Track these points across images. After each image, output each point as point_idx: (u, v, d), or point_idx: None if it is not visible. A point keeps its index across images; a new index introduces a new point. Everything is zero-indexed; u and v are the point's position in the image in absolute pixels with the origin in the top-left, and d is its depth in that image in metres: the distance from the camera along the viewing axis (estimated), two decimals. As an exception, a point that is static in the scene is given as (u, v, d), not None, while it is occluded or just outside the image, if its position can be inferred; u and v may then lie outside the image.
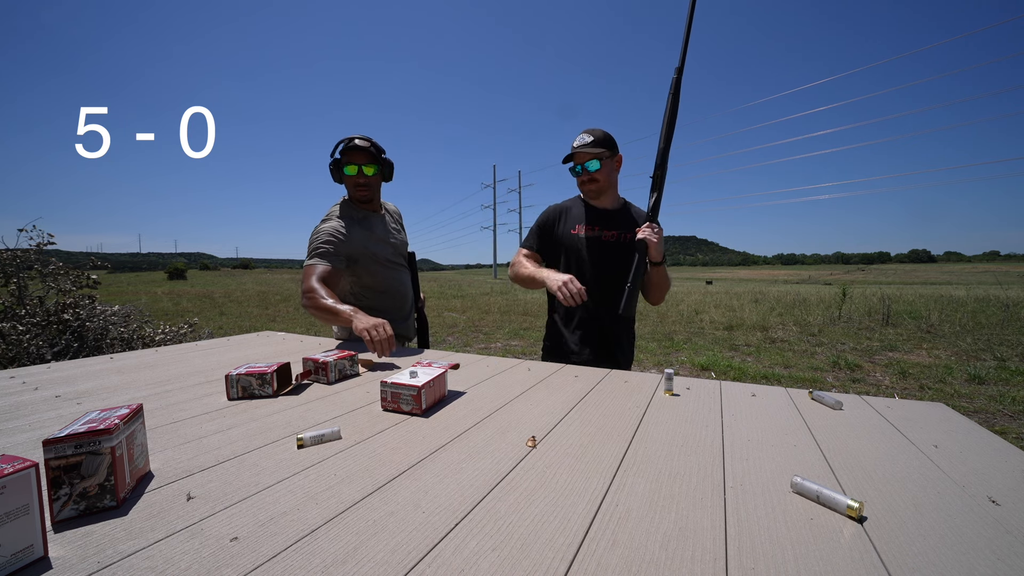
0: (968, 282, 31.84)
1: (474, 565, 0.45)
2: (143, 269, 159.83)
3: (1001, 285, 17.56)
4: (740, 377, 4.45)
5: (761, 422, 0.87)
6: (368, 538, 0.49)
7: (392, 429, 0.81)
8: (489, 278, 43.41)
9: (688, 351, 5.82)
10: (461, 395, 1.02)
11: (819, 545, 0.49)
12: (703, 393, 1.06)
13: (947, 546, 0.49)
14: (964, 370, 4.56)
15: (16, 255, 3.64)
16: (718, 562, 0.46)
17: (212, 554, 0.46)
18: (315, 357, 1.15)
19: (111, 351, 3.66)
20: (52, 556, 0.46)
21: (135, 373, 1.24)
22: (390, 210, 1.89)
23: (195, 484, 0.61)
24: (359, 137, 1.68)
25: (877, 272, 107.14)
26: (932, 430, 0.84)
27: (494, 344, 6.42)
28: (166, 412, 0.90)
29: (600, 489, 0.60)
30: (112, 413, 0.60)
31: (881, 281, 44.11)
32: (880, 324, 7.74)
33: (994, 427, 3.07)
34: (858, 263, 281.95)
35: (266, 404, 0.95)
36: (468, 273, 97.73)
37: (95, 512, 0.54)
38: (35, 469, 0.46)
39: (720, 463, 0.69)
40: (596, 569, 0.45)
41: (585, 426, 0.84)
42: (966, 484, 0.63)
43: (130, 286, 23.64)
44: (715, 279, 50.88)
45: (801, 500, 0.58)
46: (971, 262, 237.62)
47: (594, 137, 1.59)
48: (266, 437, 0.77)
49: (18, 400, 0.99)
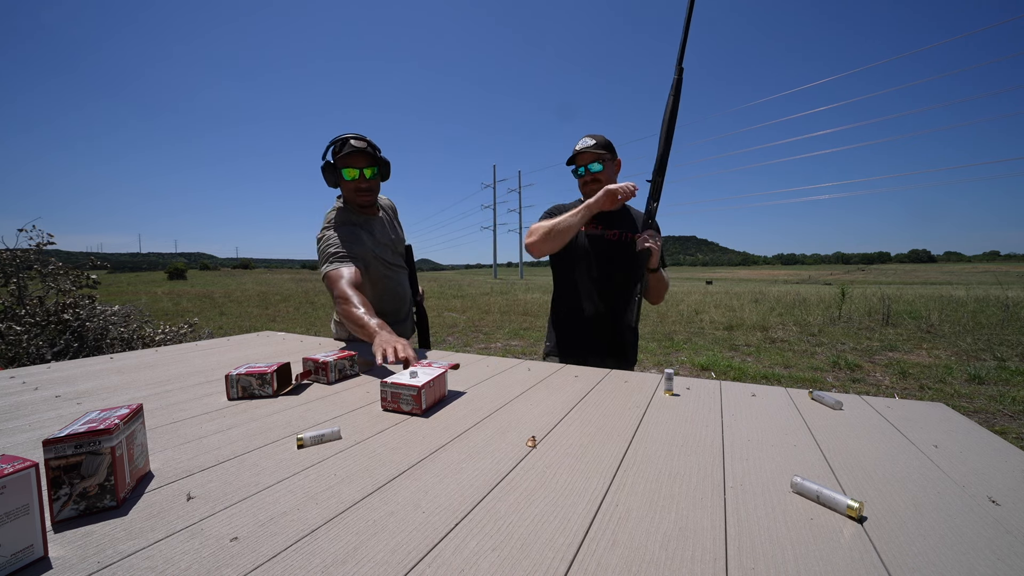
0: (968, 282, 31.86)
1: (474, 565, 0.45)
2: (143, 269, 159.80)
3: (1001, 285, 17.56)
4: (740, 377, 4.45)
5: (761, 422, 0.87)
6: (368, 538, 0.49)
7: (392, 429, 0.81)
8: (489, 278, 43.41)
9: (688, 351, 5.82)
10: (461, 395, 1.02)
11: (819, 545, 0.49)
12: (703, 393, 1.06)
13: (947, 546, 0.49)
14: (964, 370, 4.56)
15: (16, 255, 3.64)
16: (718, 562, 0.46)
17: (212, 554, 0.46)
18: (315, 357, 1.15)
19: (111, 351, 3.65)
20: (52, 556, 0.46)
21: (135, 373, 1.24)
22: (385, 206, 1.81)
23: (195, 484, 0.61)
24: (354, 137, 1.56)
25: (877, 272, 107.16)
26: (932, 430, 0.84)
27: (494, 344, 6.42)
28: (166, 412, 0.90)
29: (600, 489, 0.60)
30: (112, 413, 0.60)
31: (881, 281, 44.13)
32: (880, 324, 7.74)
33: (994, 427, 3.07)
34: (858, 263, 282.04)
35: (266, 404, 0.95)
36: (468, 273, 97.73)
37: (95, 512, 0.54)
38: (35, 469, 0.46)
39: (720, 463, 0.69)
40: (596, 569, 0.45)
41: (585, 426, 0.84)
42: (966, 484, 0.63)
43: (130, 286, 23.64)
44: (715, 279, 50.90)
45: (801, 500, 0.58)
46: (971, 262, 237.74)
47: (596, 140, 1.64)
48: (266, 437, 0.77)
49: (18, 400, 0.99)
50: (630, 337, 1.67)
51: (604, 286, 1.61)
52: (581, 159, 1.63)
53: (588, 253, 1.62)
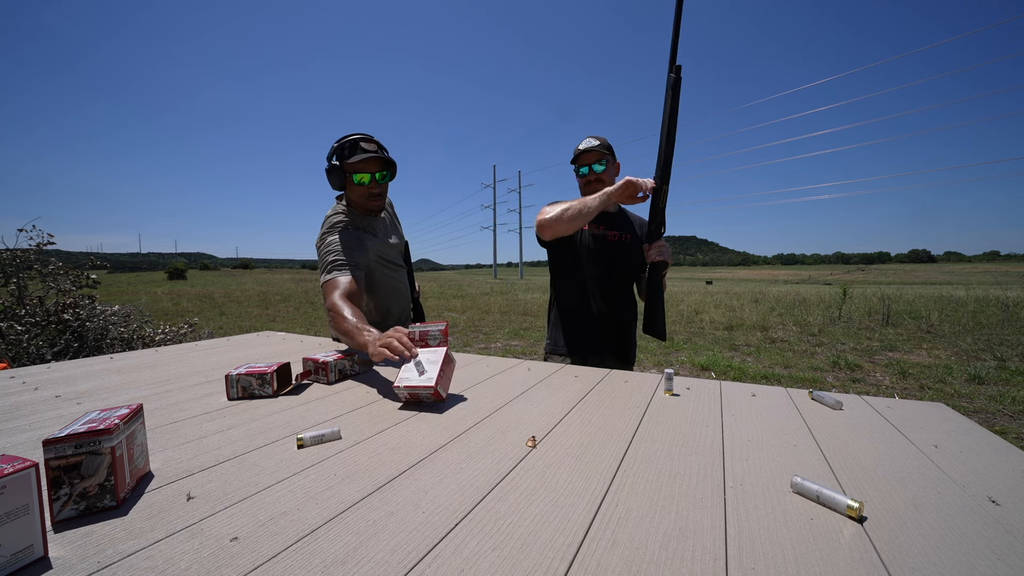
0: (968, 282, 31.85)
1: (474, 565, 0.45)
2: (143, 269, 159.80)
3: (1001, 285, 17.57)
4: (740, 377, 4.45)
5: (761, 422, 0.87)
6: (368, 538, 0.49)
7: (392, 429, 0.81)
8: (489, 278, 43.41)
9: (688, 351, 5.82)
10: (461, 395, 1.02)
11: (819, 545, 0.49)
12: (703, 393, 1.06)
13: (947, 546, 0.49)
14: (964, 370, 4.56)
15: (16, 255, 3.64)
16: (718, 562, 0.46)
17: (212, 554, 0.46)
18: (315, 357, 1.15)
19: (111, 351, 3.66)
20: (52, 556, 0.46)
21: (135, 373, 1.24)
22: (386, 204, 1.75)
23: (195, 484, 0.61)
24: (363, 139, 1.49)
25: (877, 272, 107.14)
26: (932, 430, 0.84)
27: (494, 344, 6.42)
28: (166, 412, 0.90)
29: (600, 489, 0.60)
30: (112, 413, 0.60)
31: (881, 281, 44.12)
32: (880, 324, 7.74)
33: (994, 427, 3.07)
34: (858, 263, 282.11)
35: (266, 404, 0.95)
36: (468, 273, 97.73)
37: (95, 512, 0.54)
38: (35, 469, 0.46)
39: (720, 463, 0.69)
40: (596, 569, 0.45)
41: (585, 426, 0.84)
42: (966, 484, 0.63)
43: (130, 286, 23.64)
44: (715, 279, 50.88)
45: (801, 500, 0.58)
46: (971, 262, 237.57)
47: (600, 141, 1.66)
48: (266, 437, 0.77)
49: (18, 400, 0.99)
50: (631, 337, 1.68)
51: (606, 286, 1.62)
52: (585, 158, 1.64)
53: (591, 252, 1.63)
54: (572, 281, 1.66)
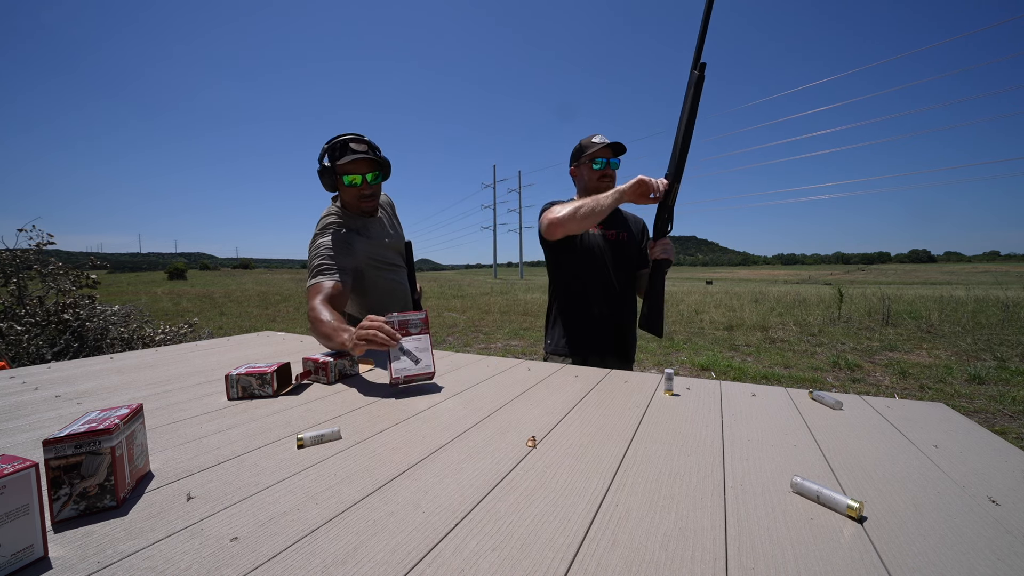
0: (968, 282, 31.84)
1: (474, 565, 0.45)
2: (143, 269, 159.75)
3: (1001, 285, 17.57)
4: (740, 377, 4.45)
5: (761, 422, 0.87)
6: (368, 538, 0.49)
7: (392, 429, 0.81)
8: (489, 278, 43.40)
9: (688, 351, 5.82)
10: (461, 395, 1.02)
11: (819, 545, 0.49)
12: (703, 393, 1.06)
13: (947, 546, 0.49)
14: (964, 370, 4.56)
15: (16, 255, 3.64)
16: (718, 562, 0.46)
17: (212, 554, 0.46)
18: (315, 357, 1.15)
19: (111, 351, 3.66)
20: (52, 556, 0.46)
21: (135, 373, 1.24)
22: (384, 204, 1.73)
23: (195, 484, 0.61)
24: (353, 139, 1.47)
25: (877, 272, 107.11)
26: (932, 430, 0.84)
27: (494, 344, 6.42)
28: (166, 412, 0.90)
29: (600, 489, 0.60)
30: (112, 413, 0.60)
31: (881, 281, 44.11)
32: (880, 324, 7.74)
33: (994, 427, 3.07)
34: (858, 263, 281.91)
35: (266, 404, 0.95)
36: (468, 273, 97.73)
37: (95, 512, 0.54)
38: (35, 469, 0.46)
39: (720, 463, 0.69)
40: (596, 569, 0.45)
41: (585, 426, 0.84)
42: (966, 484, 0.63)
43: (130, 286, 23.64)
44: (715, 279, 50.87)
45: (801, 500, 0.58)
46: (971, 262, 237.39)
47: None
48: (266, 437, 0.77)
49: (18, 400, 0.99)
50: (631, 336, 1.68)
51: (605, 285, 1.62)
52: (605, 152, 1.61)
53: (590, 251, 1.63)
54: (571, 281, 1.66)
